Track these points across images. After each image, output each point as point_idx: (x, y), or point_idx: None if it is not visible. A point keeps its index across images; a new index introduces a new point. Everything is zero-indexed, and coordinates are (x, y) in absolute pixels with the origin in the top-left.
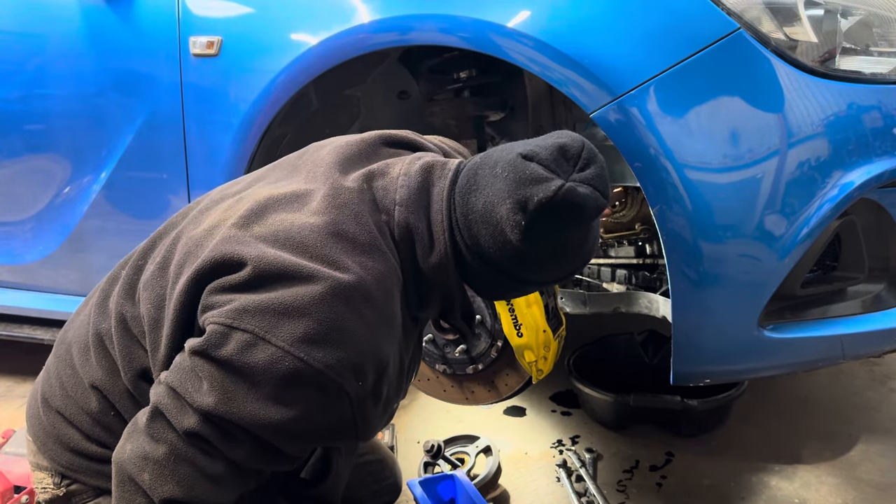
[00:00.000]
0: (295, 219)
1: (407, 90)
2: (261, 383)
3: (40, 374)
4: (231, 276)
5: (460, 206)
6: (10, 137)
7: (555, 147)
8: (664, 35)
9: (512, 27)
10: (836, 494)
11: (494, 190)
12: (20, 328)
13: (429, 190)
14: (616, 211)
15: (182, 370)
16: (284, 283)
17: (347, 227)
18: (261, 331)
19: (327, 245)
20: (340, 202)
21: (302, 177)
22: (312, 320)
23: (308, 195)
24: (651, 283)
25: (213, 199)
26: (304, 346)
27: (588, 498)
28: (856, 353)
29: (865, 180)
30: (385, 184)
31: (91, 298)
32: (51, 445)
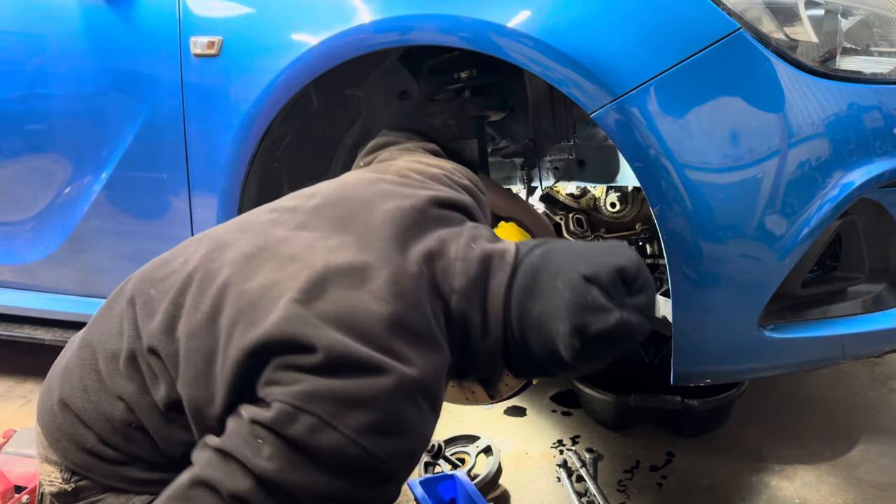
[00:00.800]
0: (358, 301)
1: (407, 90)
2: (322, 463)
3: (57, 372)
4: (300, 358)
5: (516, 307)
6: (10, 137)
7: (614, 270)
8: (665, 35)
9: (512, 27)
10: (837, 494)
11: (553, 304)
12: (21, 328)
13: (486, 281)
14: (616, 211)
15: (239, 436)
16: (354, 373)
17: (410, 319)
18: (328, 417)
19: (392, 337)
20: (402, 290)
21: (354, 239)
22: (378, 412)
23: (368, 271)
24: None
25: (257, 243)
26: (369, 436)
27: (588, 498)
28: (856, 353)
29: (866, 180)
30: (443, 266)
31: (117, 306)
32: (64, 443)
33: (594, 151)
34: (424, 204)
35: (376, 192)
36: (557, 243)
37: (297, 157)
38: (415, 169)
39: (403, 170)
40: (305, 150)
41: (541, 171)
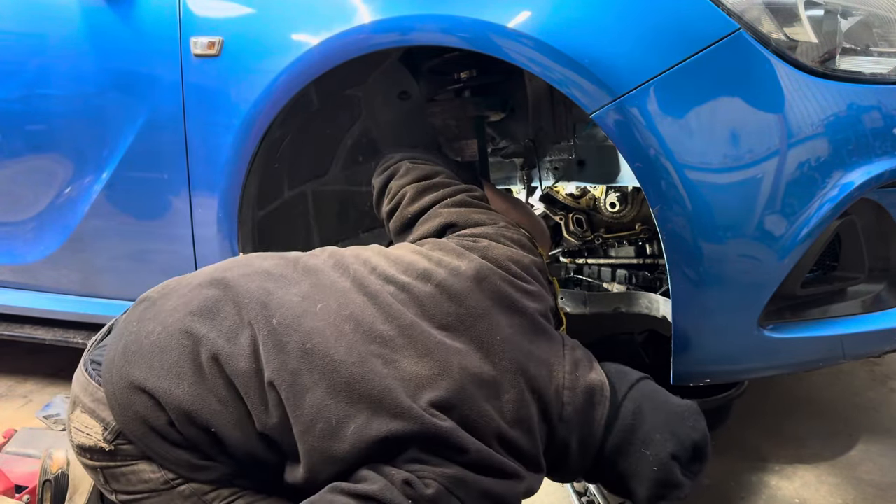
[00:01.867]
0: (491, 418)
1: (407, 90)
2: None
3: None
4: (451, 454)
5: (610, 451)
6: (11, 137)
7: (692, 448)
8: (664, 35)
9: (512, 27)
10: (837, 494)
11: (640, 469)
12: (21, 328)
13: (589, 415)
14: (616, 211)
15: (393, 491)
16: (496, 474)
17: (527, 445)
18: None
19: (510, 455)
20: (524, 416)
21: (482, 350)
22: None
23: (498, 388)
24: (651, 283)
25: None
26: None
27: (588, 498)
28: (856, 353)
29: (865, 180)
30: (553, 395)
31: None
32: (130, 413)
33: (594, 151)
34: (532, 320)
35: (491, 294)
36: (644, 397)
37: (297, 158)
38: (514, 259)
39: (505, 260)
40: (305, 150)
41: (541, 171)
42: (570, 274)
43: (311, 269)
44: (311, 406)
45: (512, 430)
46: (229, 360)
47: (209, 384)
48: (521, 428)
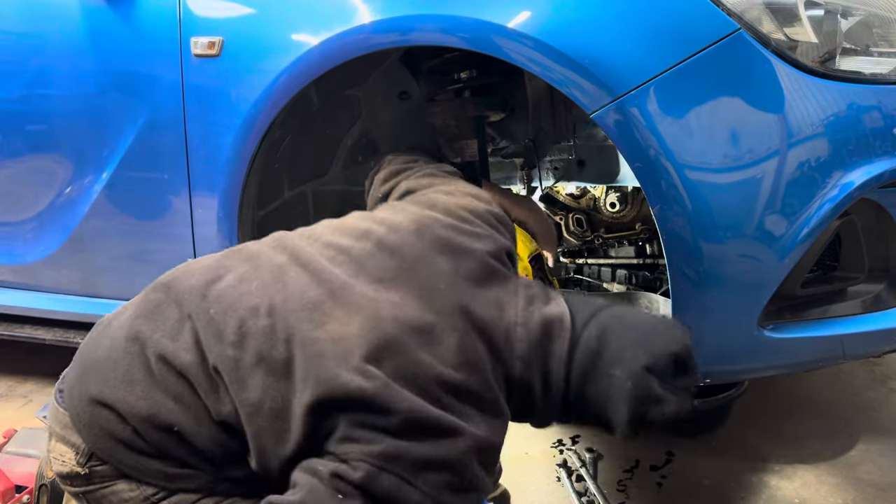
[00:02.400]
0: (430, 365)
1: (407, 90)
2: None
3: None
4: (377, 419)
5: (576, 386)
6: (11, 137)
7: (671, 359)
8: (664, 35)
9: (512, 27)
10: (837, 494)
11: (612, 391)
12: (21, 328)
13: (547, 349)
14: (616, 211)
15: (320, 493)
16: (430, 435)
17: (477, 387)
18: (410, 477)
19: (462, 402)
20: (469, 359)
21: (417, 296)
22: (454, 472)
23: (435, 335)
24: (651, 282)
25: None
26: (447, 494)
27: (588, 498)
28: (856, 353)
29: (865, 180)
30: (505, 332)
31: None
32: (96, 431)
33: (594, 151)
34: (480, 261)
35: (432, 241)
36: (610, 319)
37: (297, 158)
38: (462, 205)
39: (451, 207)
40: (305, 150)
41: (541, 171)
42: (570, 274)
43: (252, 254)
44: (255, 388)
45: (457, 373)
46: (175, 357)
47: (161, 384)
48: (467, 370)
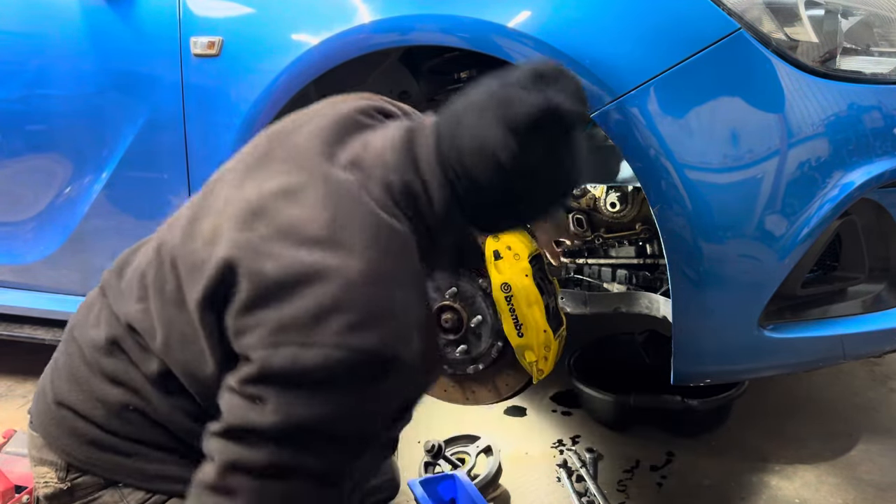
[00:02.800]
0: (297, 215)
1: (408, 90)
2: (322, 383)
3: (47, 373)
4: (251, 293)
5: (449, 150)
6: (11, 137)
7: (529, 71)
8: (665, 35)
9: (512, 27)
10: (837, 494)
11: (481, 123)
12: (21, 328)
13: (414, 147)
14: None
15: (238, 407)
16: (308, 285)
17: (353, 214)
18: (304, 339)
19: (336, 234)
20: (338, 192)
21: (283, 167)
22: (348, 311)
23: (301, 189)
24: (651, 283)
25: (200, 203)
26: (350, 336)
27: (589, 498)
28: (856, 353)
29: (866, 180)
30: (373, 160)
31: (93, 300)
32: (65, 440)
33: (594, 151)
34: (348, 113)
35: (299, 117)
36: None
37: None
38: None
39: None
40: None
41: None
42: (570, 274)
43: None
44: (163, 326)
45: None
46: (99, 339)
47: (99, 372)
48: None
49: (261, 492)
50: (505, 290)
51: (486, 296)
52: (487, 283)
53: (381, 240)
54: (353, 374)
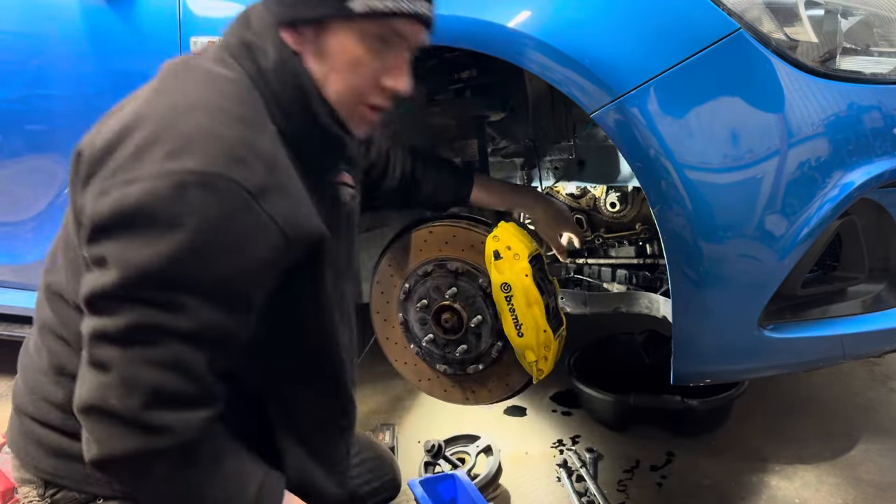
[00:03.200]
0: (130, 94)
1: None
2: (152, 219)
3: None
4: (86, 164)
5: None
6: (11, 137)
7: None
8: (665, 35)
9: (512, 27)
10: (837, 494)
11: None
12: (21, 328)
13: (248, 13)
14: (616, 211)
15: (88, 279)
16: (130, 134)
17: (178, 72)
18: (127, 177)
19: (159, 87)
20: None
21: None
22: (165, 142)
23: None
24: (651, 283)
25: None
26: (170, 163)
27: (588, 498)
28: (856, 353)
29: (866, 180)
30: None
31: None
32: (32, 452)
33: (594, 151)
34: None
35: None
36: None
37: None
38: None
39: None
40: None
41: (541, 171)
42: (570, 274)
43: None
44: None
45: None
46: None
47: (42, 369)
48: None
49: (131, 359)
50: (505, 290)
51: (486, 296)
52: (487, 282)
53: (200, 80)
54: (180, 202)
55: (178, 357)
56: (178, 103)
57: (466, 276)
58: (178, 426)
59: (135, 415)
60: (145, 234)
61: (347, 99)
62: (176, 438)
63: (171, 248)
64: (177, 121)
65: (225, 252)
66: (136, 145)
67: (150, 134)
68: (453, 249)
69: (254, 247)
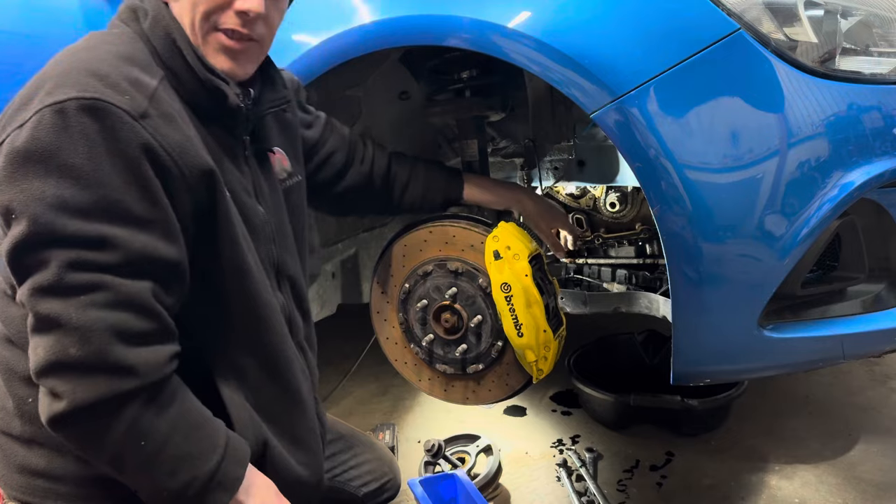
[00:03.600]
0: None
1: (408, 90)
2: (43, 152)
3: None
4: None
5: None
6: None
7: None
8: (664, 35)
9: (513, 28)
10: (837, 494)
11: None
12: None
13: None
14: (616, 211)
15: (6, 242)
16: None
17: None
18: (14, 125)
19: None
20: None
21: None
22: (47, 81)
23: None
24: (651, 282)
25: None
26: (50, 97)
27: (588, 497)
28: (856, 353)
29: (866, 180)
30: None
31: None
32: (2, 470)
33: (594, 151)
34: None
35: None
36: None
37: None
38: None
39: None
40: None
41: (541, 171)
42: (570, 274)
43: None
44: None
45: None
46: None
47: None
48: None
49: (77, 306)
50: (505, 290)
51: (486, 296)
52: (487, 282)
53: (88, 38)
54: (64, 130)
55: (122, 292)
56: (61, 56)
57: (466, 276)
58: (143, 364)
59: (99, 359)
60: (39, 170)
61: (203, 30)
62: (143, 378)
63: (69, 177)
64: (57, 66)
65: (119, 171)
66: (21, 96)
67: (33, 83)
68: (453, 249)
69: (145, 165)
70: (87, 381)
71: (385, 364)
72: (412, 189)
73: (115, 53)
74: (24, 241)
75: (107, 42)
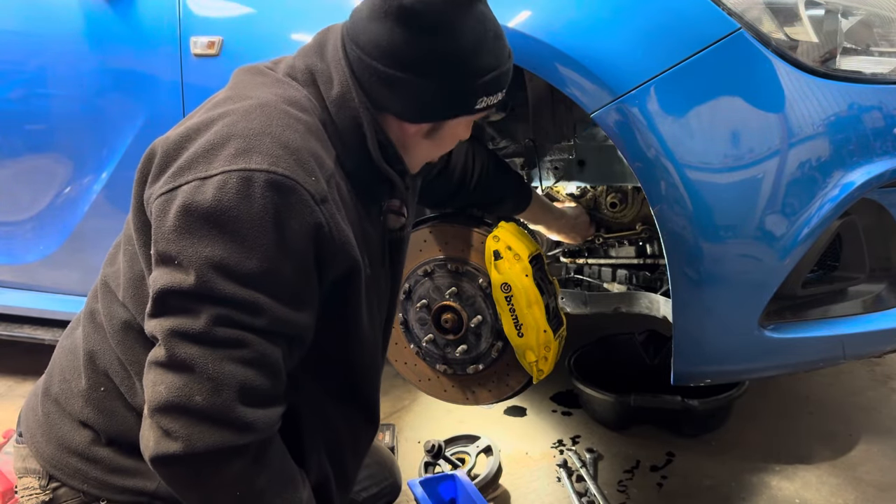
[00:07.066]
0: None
1: None
2: (222, 216)
3: (40, 381)
4: (161, 157)
5: (350, 43)
6: (10, 137)
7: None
8: (665, 35)
9: (513, 28)
10: (837, 494)
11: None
12: (21, 328)
13: (324, 40)
14: (616, 211)
15: (157, 275)
16: (201, 133)
17: (248, 85)
18: (199, 174)
19: (230, 96)
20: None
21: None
22: (235, 139)
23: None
24: (652, 283)
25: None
26: (240, 159)
27: (589, 498)
28: (856, 353)
29: (866, 180)
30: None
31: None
32: (39, 438)
33: (594, 151)
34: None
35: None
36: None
37: None
38: None
39: None
40: None
41: (541, 171)
42: (570, 274)
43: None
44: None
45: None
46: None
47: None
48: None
49: (216, 357)
50: (505, 290)
51: (486, 296)
52: (487, 282)
53: (272, 87)
54: (248, 200)
55: (259, 352)
56: (249, 106)
57: (466, 276)
58: (261, 423)
59: (222, 412)
60: (214, 233)
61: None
62: (258, 435)
63: (241, 246)
64: (248, 122)
65: (288, 247)
66: (207, 142)
67: (220, 133)
68: (453, 249)
69: (311, 246)
70: (207, 429)
71: (385, 364)
72: (490, 192)
73: (303, 123)
74: (181, 289)
75: (292, 102)
